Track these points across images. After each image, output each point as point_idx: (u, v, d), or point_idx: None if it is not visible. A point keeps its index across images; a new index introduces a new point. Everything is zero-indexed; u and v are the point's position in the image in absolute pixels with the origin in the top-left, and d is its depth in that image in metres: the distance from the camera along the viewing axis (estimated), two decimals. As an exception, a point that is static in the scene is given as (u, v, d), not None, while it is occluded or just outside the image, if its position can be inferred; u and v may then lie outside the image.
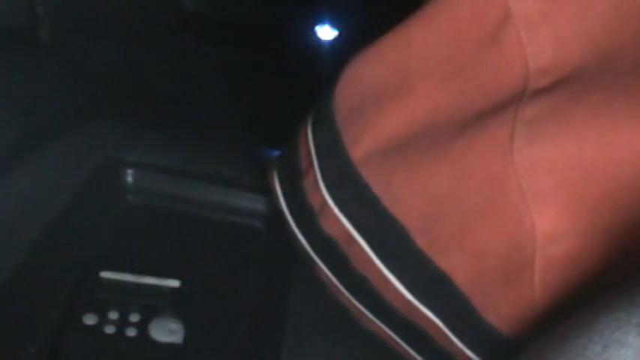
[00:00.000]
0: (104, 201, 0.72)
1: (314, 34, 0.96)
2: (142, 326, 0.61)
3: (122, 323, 0.61)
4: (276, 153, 0.60)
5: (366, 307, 0.53)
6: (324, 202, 0.51)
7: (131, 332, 0.60)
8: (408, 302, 0.49)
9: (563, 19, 0.44)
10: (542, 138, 0.44)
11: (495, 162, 0.45)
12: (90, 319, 0.60)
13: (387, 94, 0.48)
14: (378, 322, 0.53)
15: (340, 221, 0.50)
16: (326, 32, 0.96)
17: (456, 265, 0.47)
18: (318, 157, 0.52)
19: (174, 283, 0.64)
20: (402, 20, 0.48)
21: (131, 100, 0.88)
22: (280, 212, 0.56)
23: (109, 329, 0.60)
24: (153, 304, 0.63)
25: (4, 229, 0.62)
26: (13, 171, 0.69)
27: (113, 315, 0.61)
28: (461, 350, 0.49)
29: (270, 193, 0.58)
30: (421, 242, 0.48)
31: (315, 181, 0.52)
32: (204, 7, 1.00)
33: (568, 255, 0.44)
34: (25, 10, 0.88)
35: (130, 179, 0.73)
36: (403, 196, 0.48)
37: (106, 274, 0.64)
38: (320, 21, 0.96)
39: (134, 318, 0.61)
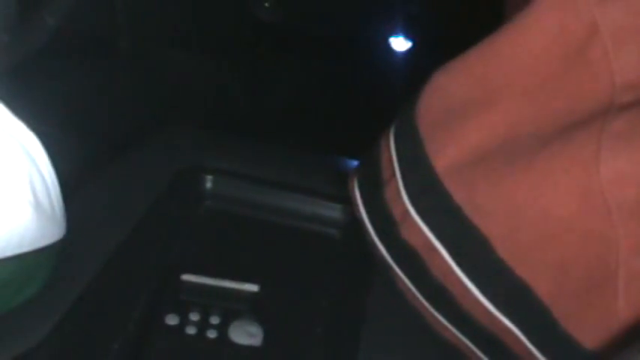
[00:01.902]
0: (184, 206, 0.74)
1: (388, 45, 0.97)
2: (222, 328, 0.62)
3: (203, 325, 0.62)
4: (353, 162, 0.61)
5: (444, 316, 0.53)
6: (406, 211, 0.51)
7: (212, 334, 0.62)
8: (489, 313, 0.50)
9: None
10: (629, 152, 0.44)
11: (580, 174, 0.45)
12: (172, 320, 0.62)
13: (472, 106, 0.48)
14: (456, 331, 0.54)
15: (422, 231, 0.51)
16: (400, 43, 0.97)
17: (538, 276, 0.47)
18: (401, 167, 0.52)
19: (253, 287, 0.66)
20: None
21: (209, 108, 0.90)
22: (360, 221, 0.57)
23: (190, 330, 0.62)
24: (233, 307, 0.64)
25: (90, 233, 0.65)
26: (96, 179, 0.71)
27: (194, 316, 0.63)
28: (541, 362, 0.49)
29: (347, 201, 0.59)
30: (503, 252, 0.48)
31: (397, 191, 0.52)
32: (280, 19, 1.02)
33: (654, 269, 0.44)
34: (107, 21, 0.91)
35: (208, 185, 0.75)
36: (486, 206, 0.48)
37: (187, 277, 0.66)
38: (394, 32, 0.96)
39: (214, 320, 0.63)
